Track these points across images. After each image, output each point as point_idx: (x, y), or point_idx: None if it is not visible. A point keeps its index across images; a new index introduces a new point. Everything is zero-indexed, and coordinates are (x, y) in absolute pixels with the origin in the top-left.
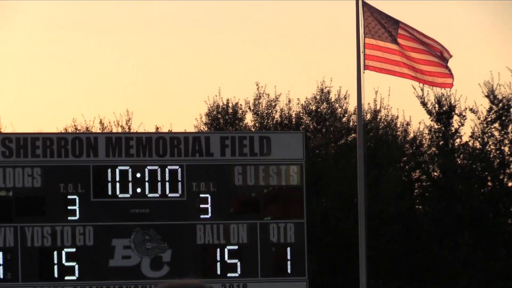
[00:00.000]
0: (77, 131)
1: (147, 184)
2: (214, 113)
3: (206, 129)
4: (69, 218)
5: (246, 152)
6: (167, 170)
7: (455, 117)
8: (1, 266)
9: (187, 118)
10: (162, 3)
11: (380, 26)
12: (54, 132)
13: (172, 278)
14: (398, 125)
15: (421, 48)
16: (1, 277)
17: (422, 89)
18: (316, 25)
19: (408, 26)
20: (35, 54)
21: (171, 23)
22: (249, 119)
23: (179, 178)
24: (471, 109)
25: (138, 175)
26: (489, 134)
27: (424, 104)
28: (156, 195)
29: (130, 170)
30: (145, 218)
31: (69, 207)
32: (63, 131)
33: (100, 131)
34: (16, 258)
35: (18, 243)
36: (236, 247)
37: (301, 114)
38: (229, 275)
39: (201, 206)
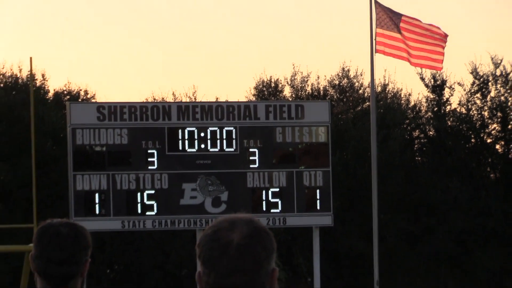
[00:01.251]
0: (155, 101)
1: (209, 141)
2: (260, 86)
3: (254, 99)
4: (149, 167)
5: (285, 116)
6: (224, 130)
7: (446, 89)
8: (97, 204)
9: (239, 91)
10: None
11: (388, 19)
12: (137, 101)
13: (228, 213)
14: (402, 96)
15: (416, 39)
16: (97, 212)
17: (421, 68)
18: (339, 17)
19: (410, 18)
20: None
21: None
22: (287, 91)
23: (234, 137)
24: (458, 83)
25: (202, 134)
26: (472, 102)
27: (422, 79)
28: (216, 149)
29: (195, 131)
30: (207, 168)
31: (149, 159)
32: (144, 101)
33: (172, 101)
34: (109, 198)
35: (110, 187)
36: (277, 189)
37: (327, 87)
38: (272, 211)
39: (250, 158)
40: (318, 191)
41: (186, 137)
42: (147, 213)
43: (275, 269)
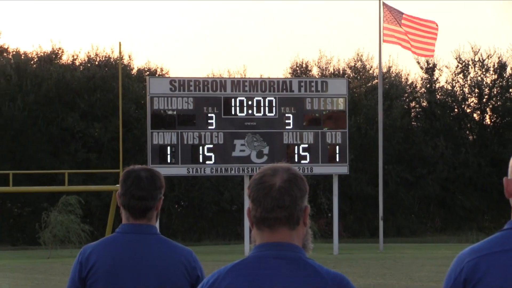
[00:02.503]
0: (214, 76)
1: (255, 108)
2: (295, 66)
3: (289, 76)
4: (209, 127)
5: (312, 90)
6: (267, 100)
7: (436, 71)
8: (169, 155)
9: (279, 69)
10: None
11: (392, 16)
12: (200, 76)
13: (268, 163)
14: (402, 75)
15: (413, 32)
16: (169, 161)
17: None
18: (355, 14)
19: (409, 16)
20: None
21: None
22: (314, 71)
23: (274, 105)
24: (446, 66)
25: (250, 102)
26: (456, 81)
27: (418, 63)
28: (260, 114)
29: (244, 100)
30: (253, 128)
31: (209, 121)
32: (206, 76)
33: (227, 76)
34: (177, 150)
35: (178, 142)
36: (306, 145)
37: (345, 68)
38: (302, 162)
39: (286, 121)
40: (337, 147)
41: (237, 104)
42: (207, 162)
43: (307, 206)
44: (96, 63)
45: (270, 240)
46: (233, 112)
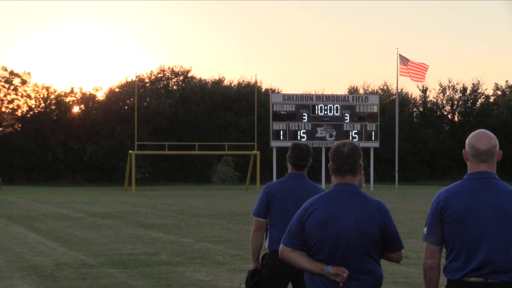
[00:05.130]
0: (305, 92)
1: (328, 110)
2: (350, 87)
3: (347, 92)
4: (303, 120)
5: (360, 100)
6: (334, 106)
7: (427, 91)
8: (281, 135)
9: (342, 88)
10: None
11: (403, 61)
12: (298, 93)
13: (336, 141)
14: (409, 93)
15: (414, 69)
16: (281, 139)
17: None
18: (383, 59)
19: (412, 62)
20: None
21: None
22: (361, 90)
23: (338, 109)
24: (433, 88)
25: (325, 107)
26: (438, 96)
27: (417, 86)
28: (331, 114)
29: (322, 106)
30: (327, 121)
31: (303, 117)
32: (302, 92)
33: (313, 92)
34: (286, 133)
35: (287, 128)
36: (356, 131)
37: (378, 89)
38: (353, 140)
39: (345, 118)
40: (373, 132)
41: (319, 108)
42: (302, 140)
43: (361, 163)
44: (243, 85)
45: (341, 181)
46: (316, 112)
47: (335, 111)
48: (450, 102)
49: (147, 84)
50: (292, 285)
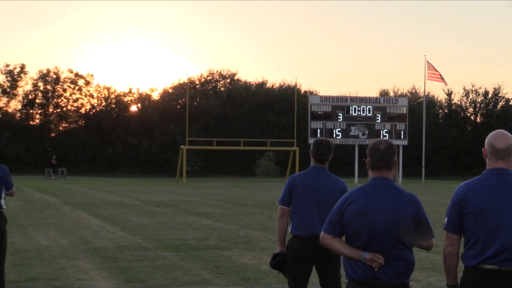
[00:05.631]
0: (340, 94)
1: (361, 111)
2: (382, 91)
3: (378, 95)
4: (338, 120)
5: (390, 102)
6: (367, 107)
7: (452, 94)
8: (318, 133)
9: (374, 91)
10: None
11: (431, 66)
12: (334, 94)
13: (368, 139)
14: (435, 96)
15: (438, 75)
16: (318, 136)
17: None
18: (412, 65)
19: (434, 69)
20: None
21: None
22: (391, 93)
23: (370, 110)
24: (457, 92)
25: (358, 108)
26: (462, 99)
27: (443, 89)
28: (364, 114)
29: (356, 106)
30: (360, 121)
31: (338, 117)
32: (337, 94)
33: (348, 94)
34: (323, 131)
35: (323, 127)
36: (386, 130)
37: (407, 92)
38: (385, 139)
39: (376, 118)
40: (402, 131)
41: (352, 109)
42: (337, 137)
43: (396, 159)
44: (284, 87)
45: (377, 176)
46: (350, 113)
47: (367, 111)
48: (473, 104)
49: (198, 86)
50: (316, 269)
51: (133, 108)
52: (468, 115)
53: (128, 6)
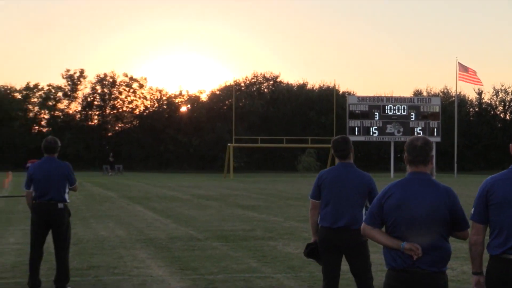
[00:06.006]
0: (376, 94)
1: (396, 110)
2: (415, 90)
3: (412, 95)
4: (375, 118)
5: (424, 102)
6: (402, 106)
7: (483, 93)
8: (356, 130)
9: (408, 91)
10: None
11: (462, 68)
12: (370, 95)
13: (402, 137)
14: (466, 95)
15: (469, 74)
16: (356, 134)
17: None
18: (445, 67)
19: (470, 68)
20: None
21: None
22: (425, 93)
23: (405, 109)
24: (487, 91)
25: (394, 107)
26: (492, 98)
27: (473, 89)
28: (399, 113)
29: (391, 106)
30: (395, 119)
31: (374, 116)
32: (373, 95)
33: (383, 95)
34: (360, 129)
35: (361, 125)
36: (420, 127)
37: (439, 92)
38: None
39: (411, 116)
40: (435, 128)
41: (388, 108)
42: (373, 135)
43: (432, 155)
44: (323, 88)
45: (415, 170)
46: (386, 112)
47: (402, 110)
48: (502, 103)
49: (243, 88)
50: (345, 257)
51: (183, 109)
52: (498, 113)
53: (180, 21)
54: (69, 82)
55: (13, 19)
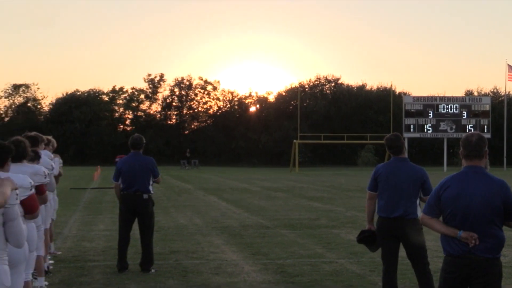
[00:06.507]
0: (430, 94)
1: (449, 108)
2: (467, 90)
3: (464, 94)
4: (429, 117)
5: (475, 101)
6: (454, 105)
7: None
8: (411, 128)
9: (460, 91)
10: None
11: (510, 67)
12: (425, 95)
13: (455, 133)
14: None
15: None
16: (411, 131)
17: None
18: (496, 67)
19: None
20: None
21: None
22: (475, 93)
23: (457, 107)
24: None
25: (447, 106)
26: None
27: None
28: (451, 111)
29: (445, 105)
30: (448, 117)
31: (428, 114)
32: (427, 94)
33: (436, 95)
34: (416, 126)
35: (416, 123)
36: (472, 125)
37: (489, 92)
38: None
39: (462, 114)
40: (485, 126)
41: (441, 107)
42: (428, 132)
43: (486, 150)
44: (381, 89)
45: (470, 164)
46: (439, 110)
47: (454, 109)
48: None
49: (307, 89)
50: (403, 244)
51: (253, 109)
52: None
53: (249, 34)
54: (150, 85)
55: (101, 32)
